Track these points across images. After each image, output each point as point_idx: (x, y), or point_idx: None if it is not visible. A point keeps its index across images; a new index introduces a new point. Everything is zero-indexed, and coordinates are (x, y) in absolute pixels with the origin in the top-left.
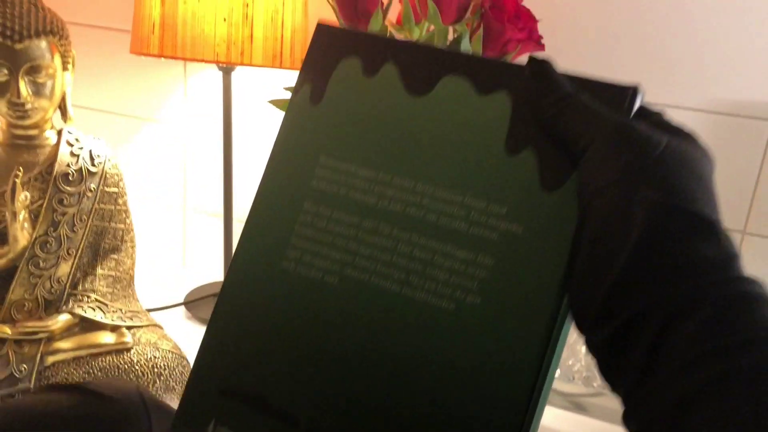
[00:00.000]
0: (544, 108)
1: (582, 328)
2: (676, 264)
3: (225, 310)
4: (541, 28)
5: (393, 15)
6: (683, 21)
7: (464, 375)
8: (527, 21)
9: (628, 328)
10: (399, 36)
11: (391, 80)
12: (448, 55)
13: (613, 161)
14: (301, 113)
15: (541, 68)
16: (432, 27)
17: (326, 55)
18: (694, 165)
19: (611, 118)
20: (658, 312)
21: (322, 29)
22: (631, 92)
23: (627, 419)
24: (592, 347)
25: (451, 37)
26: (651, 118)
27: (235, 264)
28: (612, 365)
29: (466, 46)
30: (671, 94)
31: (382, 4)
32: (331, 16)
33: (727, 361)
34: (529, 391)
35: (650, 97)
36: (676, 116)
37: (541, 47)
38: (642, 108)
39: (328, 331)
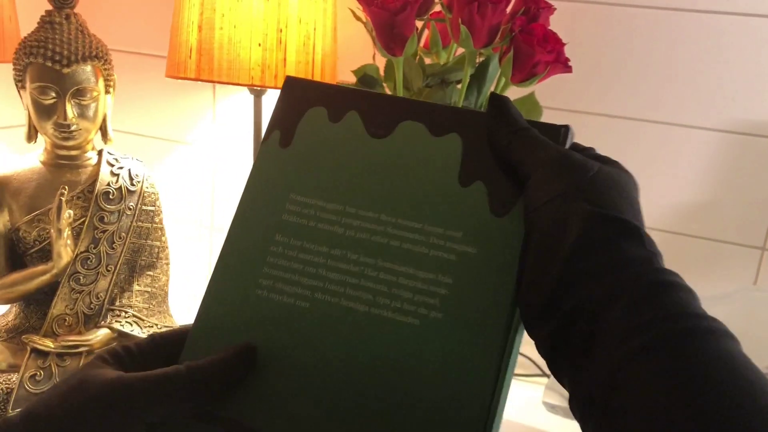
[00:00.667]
0: (500, 137)
1: (530, 328)
2: (606, 262)
3: (200, 336)
4: (567, 52)
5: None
6: (701, 41)
7: (431, 380)
8: (555, 44)
9: (567, 321)
10: (427, 60)
11: (354, 125)
12: (405, 102)
13: (554, 182)
14: (272, 156)
15: (500, 103)
16: (459, 50)
17: (295, 104)
18: (622, 186)
19: (554, 147)
20: (590, 303)
21: (291, 82)
22: (563, 130)
23: (572, 406)
24: (539, 344)
25: (478, 60)
26: (584, 152)
27: (209, 292)
28: (556, 358)
29: (495, 68)
30: (690, 114)
31: (417, 29)
32: (357, 42)
33: (646, 335)
34: (490, 392)
35: (669, 117)
36: (695, 136)
37: (569, 69)
38: (575, 144)
39: (300, 350)
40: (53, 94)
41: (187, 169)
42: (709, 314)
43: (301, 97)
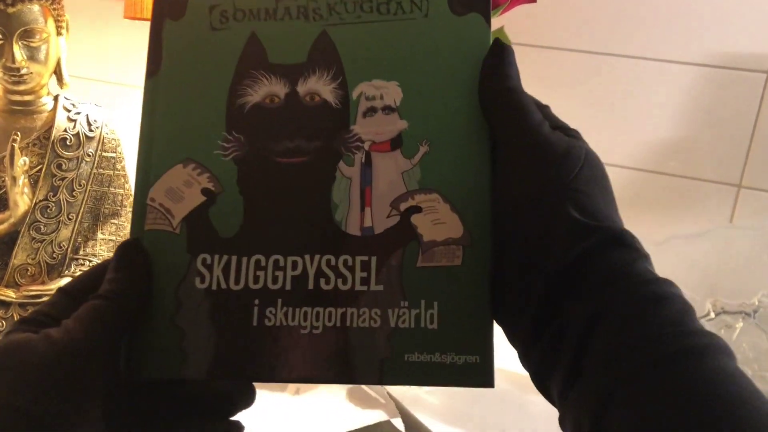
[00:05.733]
0: (487, 89)
1: (515, 343)
2: (595, 278)
3: None
4: None
5: None
6: None
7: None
8: None
9: (557, 337)
10: None
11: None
12: None
13: (535, 175)
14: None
15: (499, 53)
16: None
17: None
18: (602, 176)
19: (537, 124)
20: (580, 319)
21: None
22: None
23: (562, 424)
24: (524, 360)
25: None
26: (545, 114)
27: None
28: (545, 376)
29: None
30: (665, 48)
31: None
32: None
33: (636, 357)
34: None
35: (644, 51)
36: (670, 71)
37: (533, 0)
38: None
39: None
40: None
41: None
42: (703, 329)
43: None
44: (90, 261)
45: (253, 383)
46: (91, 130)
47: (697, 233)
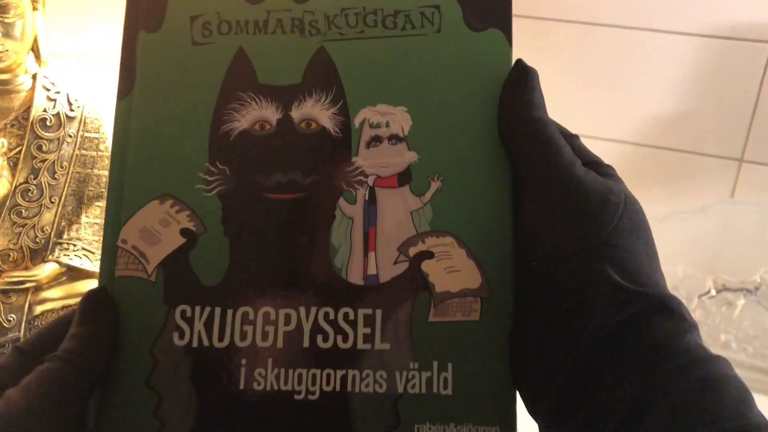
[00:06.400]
0: (508, 118)
1: (536, 416)
2: (639, 350)
3: None
4: None
5: None
6: None
7: None
8: None
9: (592, 420)
10: None
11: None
12: None
13: (566, 224)
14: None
15: (521, 75)
16: None
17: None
18: (644, 229)
19: (567, 164)
20: (620, 404)
21: None
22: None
23: None
24: None
25: None
26: (571, 142)
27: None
28: None
29: None
30: (665, 18)
31: None
32: None
33: None
34: None
35: (643, 21)
36: (670, 42)
37: None
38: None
39: None
40: None
41: None
42: (764, 420)
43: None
44: (74, 245)
45: None
46: (72, 110)
47: (698, 209)
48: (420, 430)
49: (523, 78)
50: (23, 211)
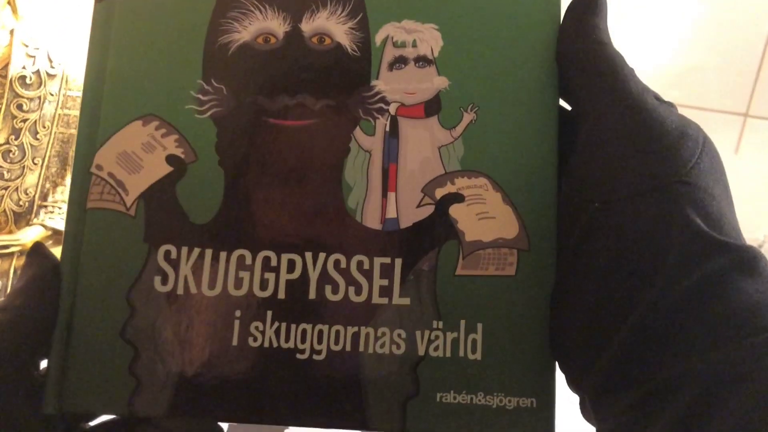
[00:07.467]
0: (567, 41)
1: (578, 389)
2: (722, 315)
3: None
4: None
5: None
6: None
7: None
8: None
9: (656, 400)
10: None
11: None
12: None
13: (637, 159)
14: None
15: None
16: None
17: None
18: (721, 169)
19: (639, 95)
20: (694, 380)
21: None
22: None
23: None
24: (590, 414)
25: None
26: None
27: None
28: None
29: None
30: None
31: None
32: None
33: None
34: None
35: None
36: None
37: None
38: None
39: None
40: None
41: None
42: None
43: None
44: (60, 208)
45: (226, 423)
46: (52, 67)
47: None
48: (443, 399)
49: (587, 2)
50: (5, 173)
